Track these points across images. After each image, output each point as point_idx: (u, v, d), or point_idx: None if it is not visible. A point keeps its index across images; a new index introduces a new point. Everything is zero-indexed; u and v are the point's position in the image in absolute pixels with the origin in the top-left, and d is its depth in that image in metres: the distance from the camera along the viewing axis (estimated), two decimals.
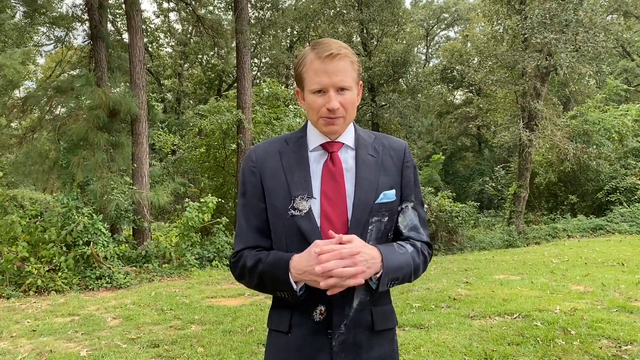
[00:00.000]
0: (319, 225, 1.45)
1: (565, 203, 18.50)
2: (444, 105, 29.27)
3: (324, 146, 1.52)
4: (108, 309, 6.72)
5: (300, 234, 1.45)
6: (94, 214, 9.03)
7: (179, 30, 25.78)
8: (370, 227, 1.47)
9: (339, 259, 1.31)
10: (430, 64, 32.85)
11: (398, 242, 1.53)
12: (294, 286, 1.40)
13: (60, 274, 8.23)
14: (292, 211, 1.46)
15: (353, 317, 1.45)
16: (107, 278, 8.47)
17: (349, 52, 1.46)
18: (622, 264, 8.65)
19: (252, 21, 15.90)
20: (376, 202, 1.48)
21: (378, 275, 1.42)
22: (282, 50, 24.89)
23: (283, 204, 1.48)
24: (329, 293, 1.37)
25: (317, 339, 1.45)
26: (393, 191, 1.52)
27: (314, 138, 1.54)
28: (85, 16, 12.05)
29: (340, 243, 1.35)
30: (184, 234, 10.08)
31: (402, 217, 1.56)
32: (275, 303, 1.57)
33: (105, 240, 9.01)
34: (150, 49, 24.59)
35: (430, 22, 31.44)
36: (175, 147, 19.32)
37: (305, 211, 1.45)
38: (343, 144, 1.53)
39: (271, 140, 1.61)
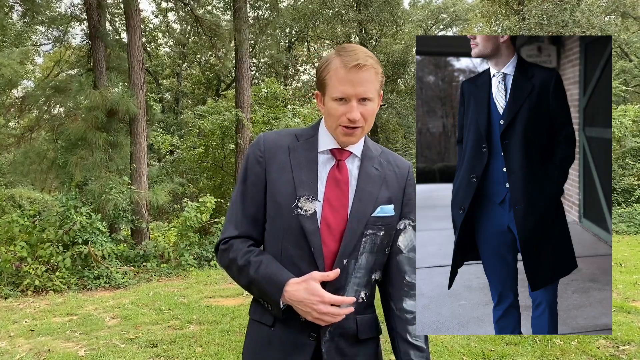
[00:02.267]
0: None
1: None
2: None
3: (332, 152, 1.52)
4: (106, 308, 6.71)
5: (302, 233, 1.45)
6: (92, 214, 9.02)
7: (178, 30, 25.76)
8: (364, 239, 1.47)
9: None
10: None
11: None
12: (281, 306, 1.44)
13: (58, 273, 8.21)
14: (298, 210, 1.46)
15: (338, 324, 1.46)
16: (105, 278, 8.46)
17: (375, 62, 1.45)
18: (620, 264, 8.67)
19: (251, 21, 15.89)
20: (372, 215, 1.48)
21: None
22: (281, 50, 24.87)
23: (287, 201, 1.47)
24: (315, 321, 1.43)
25: (300, 338, 1.47)
26: (391, 206, 1.53)
27: (325, 141, 1.53)
28: (84, 16, 12.05)
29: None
30: (182, 234, 10.07)
31: (403, 236, 1.57)
32: None
33: (104, 240, 9.00)
34: (148, 49, 24.57)
35: (429, 22, 31.41)
36: (173, 147, 19.31)
37: (310, 212, 1.45)
38: (351, 153, 1.53)
39: (281, 132, 1.59)
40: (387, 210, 1.51)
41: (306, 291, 1.38)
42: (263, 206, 1.53)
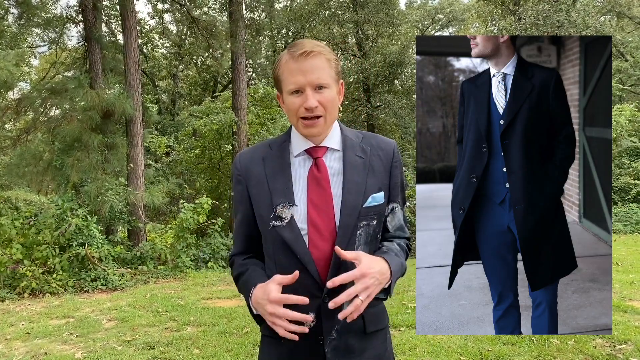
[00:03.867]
0: (306, 232, 1.43)
1: None
2: None
3: (308, 151, 1.49)
4: (103, 310, 6.69)
5: (284, 243, 1.43)
6: (88, 216, 8.99)
7: (174, 32, 25.74)
8: (358, 232, 1.44)
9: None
10: None
11: (388, 244, 1.55)
12: (254, 311, 1.46)
13: (55, 275, 8.18)
14: (273, 222, 1.44)
15: (344, 322, 1.43)
16: (102, 280, 8.43)
17: (325, 50, 1.42)
18: (617, 264, 8.68)
19: (247, 22, 15.88)
20: (364, 206, 1.45)
21: (386, 286, 1.44)
22: (278, 51, 24.86)
23: (267, 212, 1.47)
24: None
25: (309, 345, 1.44)
26: (381, 194, 1.50)
27: (298, 143, 1.51)
28: (80, 17, 12.00)
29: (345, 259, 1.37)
30: (179, 235, 10.05)
31: (391, 217, 1.56)
32: None
33: (100, 242, 8.97)
34: (144, 50, 24.52)
35: (425, 23, 31.49)
36: (169, 149, 19.28)
37: (287, 220, 1.43)
38: (328, 147, 1.50)
39: (256, 146, 1.60)
40: (378, 198, 1.48)
41: (261, 290, 1.38)
42: (253, 222, 1.54)
